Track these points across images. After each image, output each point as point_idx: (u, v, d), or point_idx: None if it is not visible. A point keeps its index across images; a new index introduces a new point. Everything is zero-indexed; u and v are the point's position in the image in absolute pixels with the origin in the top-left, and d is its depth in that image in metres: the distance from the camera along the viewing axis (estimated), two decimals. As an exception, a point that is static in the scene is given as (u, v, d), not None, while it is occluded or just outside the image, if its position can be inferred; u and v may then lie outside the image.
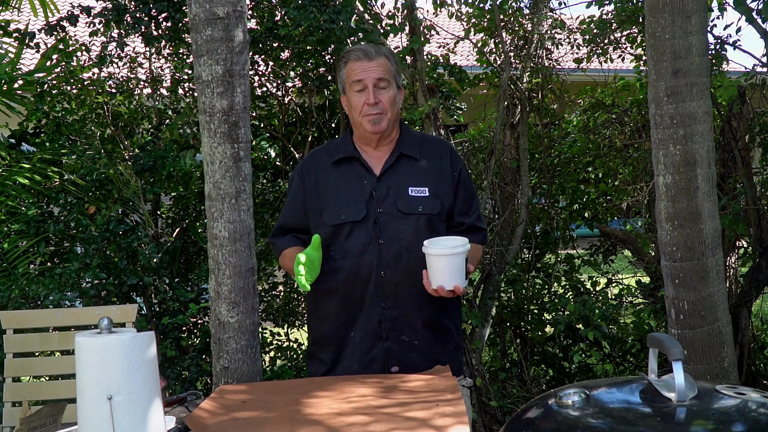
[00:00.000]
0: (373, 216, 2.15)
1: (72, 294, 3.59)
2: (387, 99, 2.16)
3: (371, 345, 2.16)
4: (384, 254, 2.14)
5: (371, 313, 2.15)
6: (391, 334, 2.15)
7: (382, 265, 2.13)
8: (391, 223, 2.15)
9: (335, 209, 2.18)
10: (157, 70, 4.73)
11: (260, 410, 1.74)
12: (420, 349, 2.17)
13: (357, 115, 2.18)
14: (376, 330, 2.15)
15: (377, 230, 2.15)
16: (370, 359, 2.16)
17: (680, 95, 2.56)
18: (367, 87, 2.15)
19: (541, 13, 4.56)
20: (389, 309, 2.14)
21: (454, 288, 2.00)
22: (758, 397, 1.60)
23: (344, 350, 2.19)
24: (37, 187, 3.84)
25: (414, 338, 2.16)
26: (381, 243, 2.14)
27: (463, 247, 2.00)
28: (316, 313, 2.25)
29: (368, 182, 2.19)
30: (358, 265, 2.14)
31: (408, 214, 2.14)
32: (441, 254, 1.98)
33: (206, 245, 2.53)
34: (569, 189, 4.86)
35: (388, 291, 2.14)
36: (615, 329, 4.52)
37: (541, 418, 1.67)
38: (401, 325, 2.15)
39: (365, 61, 2.16)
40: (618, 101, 4.98)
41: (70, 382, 2.75)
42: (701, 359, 2.62)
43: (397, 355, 2.15)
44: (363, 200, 2.17)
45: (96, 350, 1.47)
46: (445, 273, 1.99)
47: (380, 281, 2.14)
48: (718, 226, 2.67)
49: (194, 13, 2.32)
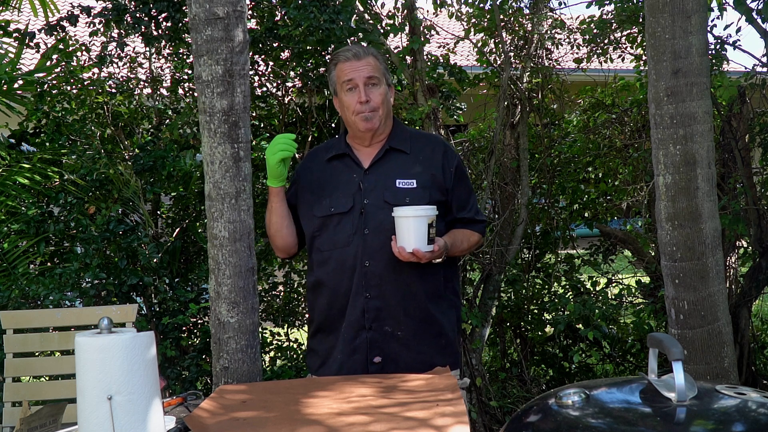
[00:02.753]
0: (360, 207, 2.19)
1: (72, 294, 3.59)
2: (378, 96, 2.21)
3: (354, 335, 2.18)
4: (369, 244, 2.16)
5: (355, 303, 2.17)
6: (374, 324, 2.17)
7: (367, 254, 2.16)
8: (377, 214, 2.17)
9: (324, 202, 2.23)
10: (157, 70, 4.73)
11: (260, 410, 1.74)
12: (403, 341, 2.18)
13: (350, 115, 2.23)
14: (359, 320, 2.17)
15: (363, 221, 2.18)
16: (353, 349, 2.18)
17: (680, 95, 2.56)
18: (358, 86, 2.20)
19: (541, 13, 4.56)
20: (372, 299, 2.16)
21: (413, 251, 2.04)
22: (758, 397, 1.60)
23: (336, 342, 2.22)
24: (37, 187, 3.84)
25: (397, 329, 2.17)
26: (366, 233, 2.17)
27: (426, 211, 2.06)
28: (314, 306, 2.30)
29: (357, 175, 2.24)
30: (344, 256, 2.18)
31: (395, 204, 2.15)
32: (404, 215, 2.06)
33: (206, 245, 2.53)
34: (569, 189, 4.86)
35: (372, 281, 2.16)
36: (615, 329, 4.53)
37: (541, 418, 1.67)
38: (384, 315, 2.17)
39: (354, 61, 2.22)
40: (618, 101, 4.98)
41: (70, 382, 2.75)
42: (701, 359, 2.62)
43: (380, 346, 2.17)
44: (350, 192, 2.22)
45: (96, 350, 1.47)
46: (406, 235, 2.05)
47: (364, 271, 2.16)
48: (718, 226, 2.67)
49: (194, 13, 2.32)
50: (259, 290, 3.32)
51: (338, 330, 2.21)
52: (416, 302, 2.19)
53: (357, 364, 2.17)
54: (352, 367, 2.17)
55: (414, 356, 2.17)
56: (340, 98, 2.27)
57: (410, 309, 2.19)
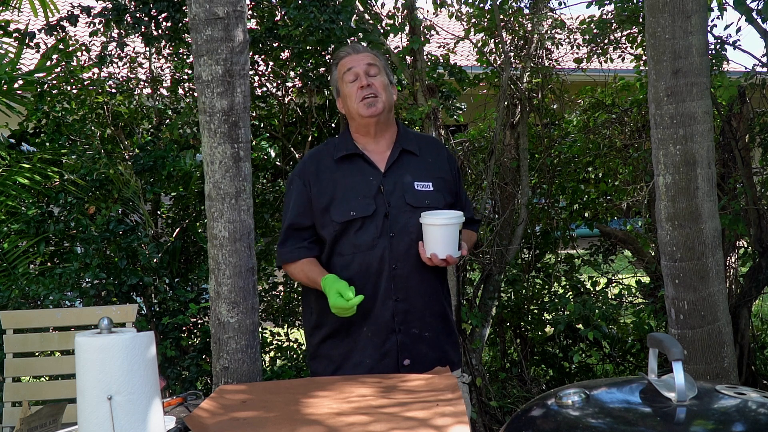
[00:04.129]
0: (383, 210, 2.18)
1: (72, 294, 3.59)
2: (379, 83, 2.22)
3: (384, 339, 2.17)
4: (395, 247, 2.16)
5: (384, 306, 2.16)
6: (402, 327, 2.17)
7: (394, 258, 2.16)
8: (401, 217, 2.18)
9: (343, 206, 2.19)
10: (157, 70, 4.73)
11: (260, 410, 1.74)
12: (429, 341, 2.20)
13: (352, 103, 2.22)
14: (388, 323, 2.16)
15: (388, 224, 2.17)
16: (384, 353, 2.16)
17: (680, 95, 2.56)
18: (359, 74, 2.22)
19: (541, 13, 4.56)
20: (401, 302, 2.17)
21: (446, 257, 2.07)
22: (758, 397, 1.60)
23: (356, 346, 2.19)
24: (37, 187, 3.84)
25: (424, 330, 2.19)
26: (392, 236, 2.17)
27: (458, 219, 2.09)
28: (326, 311, 2.15)
29: (374, 178, 2.22)
30: (369, 259, 2.16)
31: (416, 207, 2.17)
32: (436, 224, 2.08)
33: (206, 245, 2.53)
34: (569, 189, 4.86)
35: (400, 284, 2.16)
36: (615, 329, 4.53)
37: (541, 418, 1.67)
38: (412, 317, 2.18)
39: (354, 54, 2.26)
40: (618, 101, 4.98)
41: (70, 382, 2.75)
42: (701, 359, 2.62)
43: (409, 348, 2.17)
44: (371, 195, 2.19)
45: (96, 350, 1.47)
46: (439, 242, 2.08)
47: (392, 274, 2.16)
48: (718, 226, 2.67)
49: (194, 13, 2.33)
50: (259, 290, 3.32)
51: (358, 334, 2.18)
52: (437, 303, 2.23)
53: (387, 368, 2.16)
54: (383, 372, 2.14)
55: (438, 355, 2.19)
56: (342, 91, 2.26)
57: (434, 309, 2.22)
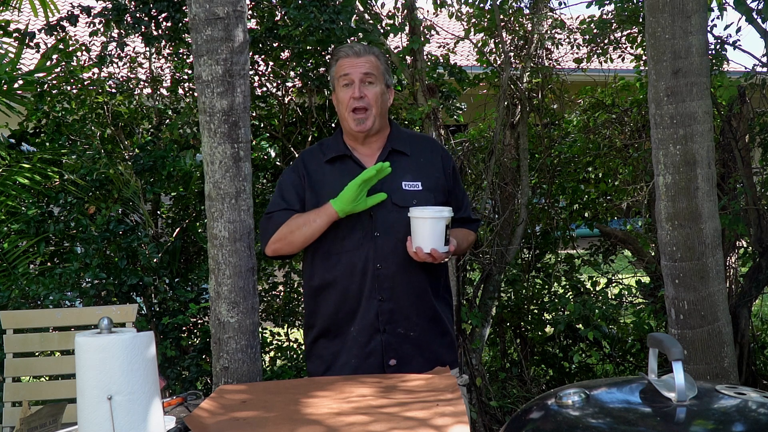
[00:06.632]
0: (369, 210, 2.17)
1: (72, 294, 3.59)
2: (373, 94, 2.20)
3: (369, 338, 2.17)
4: (380, 247, 2.16)
5: (369, 306, 2.16)
6: (388, 327, 2.16)
7: (378, 257, 2.15)
8: (387, 217, 2.17)
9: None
10: (157, 70, 4.73)
11: (260, 410, 1.74)
12: (415, 341, 2.19)
13: (344, 110, 2.22)
14: (373, 323, 2.16)
15: (373, 224, 2.17)
16: (368, 352, 2.17)
17: (680, 95, 2.56)
18: (354, 81, 2.19)
19: (541, 13, 4.56)
20: (386, 301, 2.16)
21: (431, 251, 2.05)
22: (758, 397, 1.60)
23: (344, 346, 2.20)
24: (37, 187, 3.84)
25: (410, 330, 2.18)
26: (376, 236, 2.16)
27: (445, 213, 2.08)
28: (317, 311, 2.25)
29: None
30: (354, 259, 2.16)
31: (403, 207, 2.15)
32: (422, 217, 2.07)
33: (206, 245, 2.53)
34: (569, 189, 4.86)
35: (384, 283, 2.16)
36: (615, 329, 4.53)
37: (541, 418, 1.67)
38: (397, 317, 2.17)
39: (354, 58, 2.22)
40: (618, 101, 4.98)
41: (70, 382, 2.76)
42: (701, 359, 2.62)
43: (394, 348, 2.17)
44: None
45: (96, 350, 1.47)
46: (424, 236, 2.07)
47: (376, 273, 2.15)
48: (718, 226, 2.67)
49: (194, 13, 2.33)
50: (259, 290, 3.32)
51: (345, 334, 2.19)
52: (426, 302, 2.21)
53: (372, 368, 2.16)
54: (368, 372, 2.15)
55: (427, 356, 2.18)
56: (336, 92, 2.26)
57: (421, 309, 2.20)
